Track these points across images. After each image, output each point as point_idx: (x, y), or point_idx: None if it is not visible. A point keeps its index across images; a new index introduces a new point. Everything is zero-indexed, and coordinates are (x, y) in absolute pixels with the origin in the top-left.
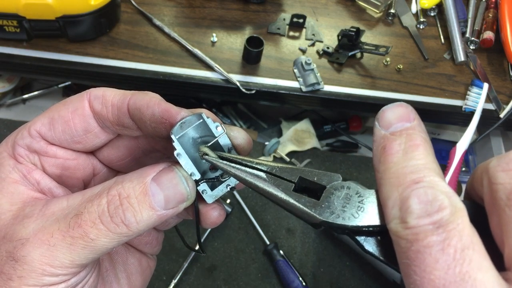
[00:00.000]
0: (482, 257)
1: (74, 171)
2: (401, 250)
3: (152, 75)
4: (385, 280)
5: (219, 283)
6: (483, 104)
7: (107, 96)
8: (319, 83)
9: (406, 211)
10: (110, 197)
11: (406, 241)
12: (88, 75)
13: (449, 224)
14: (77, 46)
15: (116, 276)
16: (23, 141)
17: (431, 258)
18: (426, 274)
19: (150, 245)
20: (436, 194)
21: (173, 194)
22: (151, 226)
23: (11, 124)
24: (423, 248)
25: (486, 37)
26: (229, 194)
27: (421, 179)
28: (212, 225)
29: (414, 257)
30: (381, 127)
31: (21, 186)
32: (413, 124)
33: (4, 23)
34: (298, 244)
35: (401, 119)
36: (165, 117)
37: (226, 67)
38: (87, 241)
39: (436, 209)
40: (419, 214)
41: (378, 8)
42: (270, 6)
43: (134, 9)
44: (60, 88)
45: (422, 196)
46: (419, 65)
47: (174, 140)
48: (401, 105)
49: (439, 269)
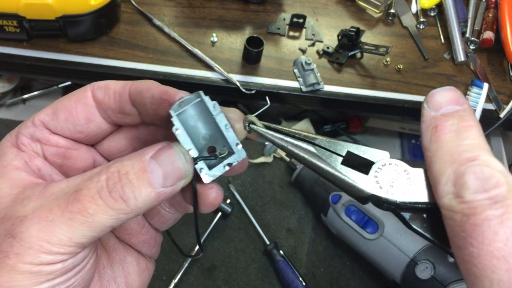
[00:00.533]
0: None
1: (75, 161)
2: (455, 224)
3: (152, 75)
4: (385, 280)
5: (219, 283)
6: (483, 104)
7: (109, 85)
8: (319, 83)
9: (463, 187)
10: (109, 173)
11: (462, 215)
12: (88, 75)
13: (506, 200)
14: (77, 46)
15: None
16: (27, 130)
17: (490, 230)
18: (485, 246)
19: (148, 244)
20: (492, 172)
21: (171, 170)
22: (149, 204)
23: (11, 124)
24: (481, 221)
25: (486, 37)
26: (229, 194)
27: (477, 157)
28: (210, 207)
29: (471, 230)
30: (431, 108)
31: (22, 173)
32: (464, 107)
33: (4, 23)
34: (298, 244)
35: (451, 102)
36: (165, 97)
37: (226, 67)
38: (85, 216)
39: (493, 185)
40: (476, 189)
41: (378, 8)
42: (270, 6)
43: (134, 9)
44: (60, 88)
45: (478, 173)
46: (419, 65)
47: (172, 116)
48: (451, 89)
49: (499, 241)
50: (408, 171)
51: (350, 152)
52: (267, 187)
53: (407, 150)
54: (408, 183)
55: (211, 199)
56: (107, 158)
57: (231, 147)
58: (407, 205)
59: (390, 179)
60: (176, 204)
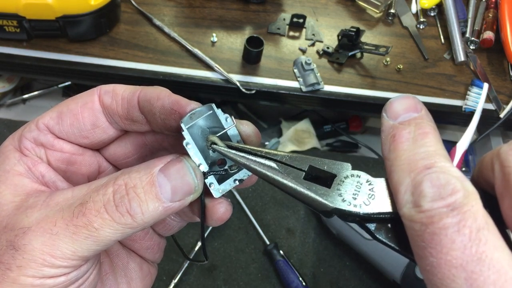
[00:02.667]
0: (497, 237)
1: (80, 167)
2: (415, 234)
3: (152, 75)
4: (385, 280)
5: (219, 283)
6: (483, 104)
7: (117, 90)
8: (319, 83)
9: (420, 195)
10: (116, 186)
11: (421, 224)
12: (88, 75)
13: (463, 206)
14: (77, 46)
15: (116, 280)
16: (30, 134)
17: (447, 239)
18: (443, 255)
19: (152, 250)
20: (449, 178)
21: (180, 185)
22: (156, 218)
23: (11, 124)
24: (438, 230)
25: (486, 37)
26: (229, 194)
27: (433, 165)
28: (218, 222)
29: (430, 239)
30: (389, 117)
31: (25, 179)
32: (421, 114)
33: (4, 23)
34: (298, 244)
35: (409, 110)
36: (175, 108)
37: (226, 67)
38: (90, 230)
39: (449, 192)
40: (433, 197)
41: (378, 8)
42: (270, 6)
43: (134, 9)
44: (60, 88)
45: (434, 180)
46: (419, 65)
47: (183, 129)
48: (408, 97)
49: (456, 249)
50: (371, 182)
51: (312, 166)
52: (267, 187)
53: None
54: (371, 194)
55: (220, 214)
56: (113, 163)
57: None
58: (371, 216)
59: (352, 191)
60: (182, 214)
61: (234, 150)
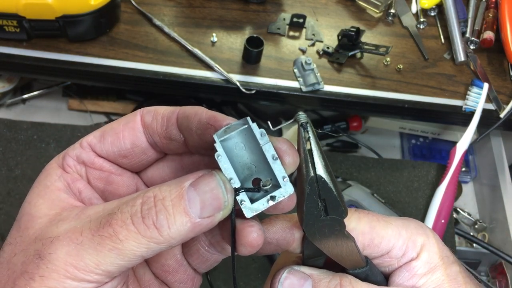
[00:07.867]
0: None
1: (117, 187)
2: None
3: (152, 75)
4: None
5: (219, 283)
6: (483, 104)
7: (158, 110)
8: (319, 83)
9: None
10: (145, 198)
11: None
12: (88, 75)
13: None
14: (77, 46)
15: None
16: (73, 152)
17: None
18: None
19: (185, 285)
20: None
21: (210, 199)
22: (183, 235)
23: (11, 124)
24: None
25: (486, 37)
26: None
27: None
28: (248, 248)
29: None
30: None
31: (63, 194)
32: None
33: (4, 23)
34: None
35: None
36: (211, 122)
37: (226, 67)
38: (115, 241)
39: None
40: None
41: (378, 8)
42: (270, 6)
43: (134, 9)
44: (60, 88)
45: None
46: (419, 65)
47: (216, 141)
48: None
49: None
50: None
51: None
52: None
53: (407, 150)
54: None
55: (251, 239)
56: (150, 186)
57: (277, 180)
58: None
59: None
60: (215, 243)
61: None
